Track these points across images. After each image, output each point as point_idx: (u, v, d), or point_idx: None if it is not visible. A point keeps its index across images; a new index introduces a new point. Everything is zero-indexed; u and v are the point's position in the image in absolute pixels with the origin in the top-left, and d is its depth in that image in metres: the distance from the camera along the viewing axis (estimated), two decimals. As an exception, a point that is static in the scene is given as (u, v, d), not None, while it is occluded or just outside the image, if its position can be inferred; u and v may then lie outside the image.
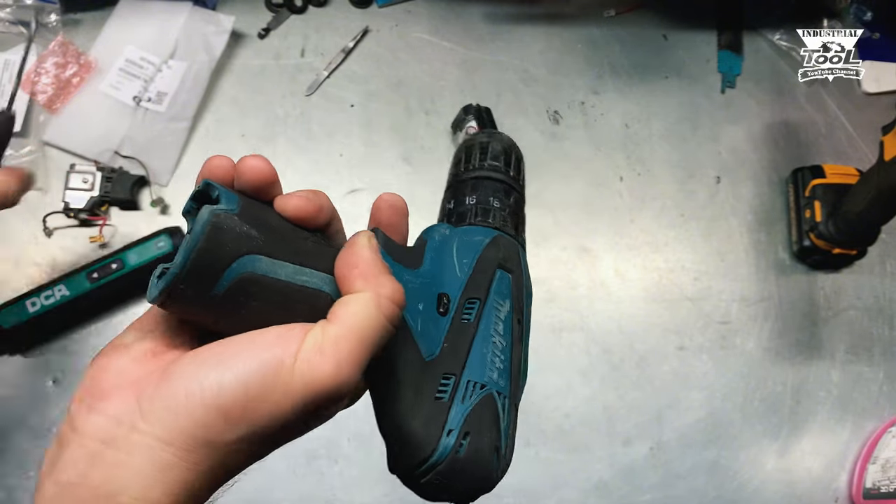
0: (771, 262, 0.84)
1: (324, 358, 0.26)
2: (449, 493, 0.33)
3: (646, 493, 0.74)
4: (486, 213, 0.39)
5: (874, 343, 0.82)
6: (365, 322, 0.27)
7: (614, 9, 0.91)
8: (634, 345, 0.79)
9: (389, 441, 0.34)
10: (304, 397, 0.26)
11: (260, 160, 0.29)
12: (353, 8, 0.87)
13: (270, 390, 0.25)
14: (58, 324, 0.70)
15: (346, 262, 0.29)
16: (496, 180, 0.40)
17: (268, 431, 0.26)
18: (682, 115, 0.88)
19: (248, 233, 0.27)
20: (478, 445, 0.32)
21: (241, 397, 0.25)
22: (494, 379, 0.34)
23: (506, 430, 0.35)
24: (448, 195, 0.41)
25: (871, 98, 0.91)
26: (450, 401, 0.33)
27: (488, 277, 0.36)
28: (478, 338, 0.35)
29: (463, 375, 0.33)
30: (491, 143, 0.42)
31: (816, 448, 0.78)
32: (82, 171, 0.74)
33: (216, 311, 0.27)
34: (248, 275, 0.26)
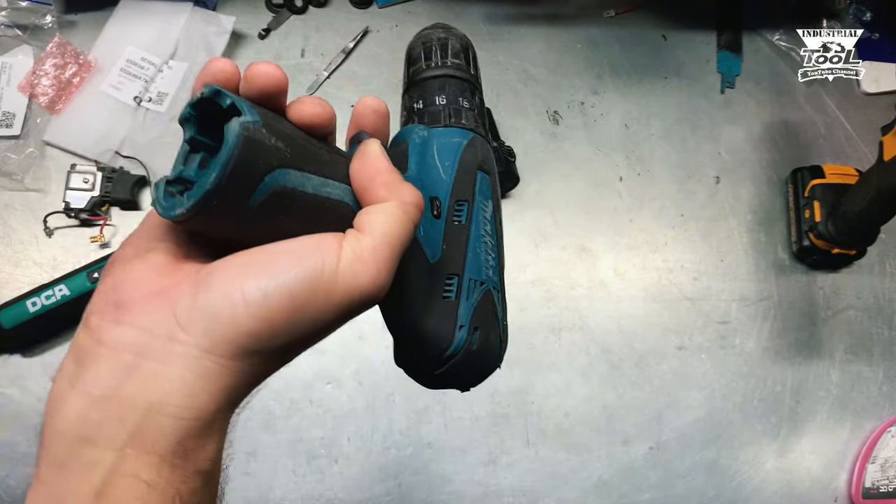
0: (770, 262, 0.84)
1: (364, 266, 0.27)
2: (456, 381, 0.36)
3: (645, 493, 0.75)
4: (459, 114, 0.39)
5: (873, 343, 0.82)
6: (396, 229, 0.28)
7: (614, 9, 0.91)
8: (634, 344, 0.79)
9: (402, 339, 0.36)
10: (347, 302, 0.27)
11: (272, 66, 0.28)
12: (353, 8, 0.87)
13: (314, 297, 0.26)
14: (58, 324, 0.71)
15: (366, 174, 0.30)
16: (461, 79, 0.40)
17: (308, 335, 0.27)
18: (682, 115, 0.88)
19: (276, 145, 0.26)
20: (486, 338, 0.36)
21: (286, 304, 0.25)
22: (490, 276, 0.37)
23: (502, 319, 0.38)
24: (414, 94, 0.40)
25: (870, 98, 0.92)
26: (457, 299, 0.35)
27: (472, 179, 0.37)
28: (471, 238, 0.36)
29: (464, 275, 0.35)
30: (450, 39, 0.42)
31: (816, 448, 0.78)
32: (83, 172, 0.75)
33: (245, 225, 0.27)
34: (279, 188, 0.26)
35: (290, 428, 0.72)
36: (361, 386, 0.73)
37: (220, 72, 0.28)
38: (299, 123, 0.29)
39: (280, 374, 0.79)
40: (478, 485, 0.73)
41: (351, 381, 0.73)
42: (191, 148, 0.27)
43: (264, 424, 0.71)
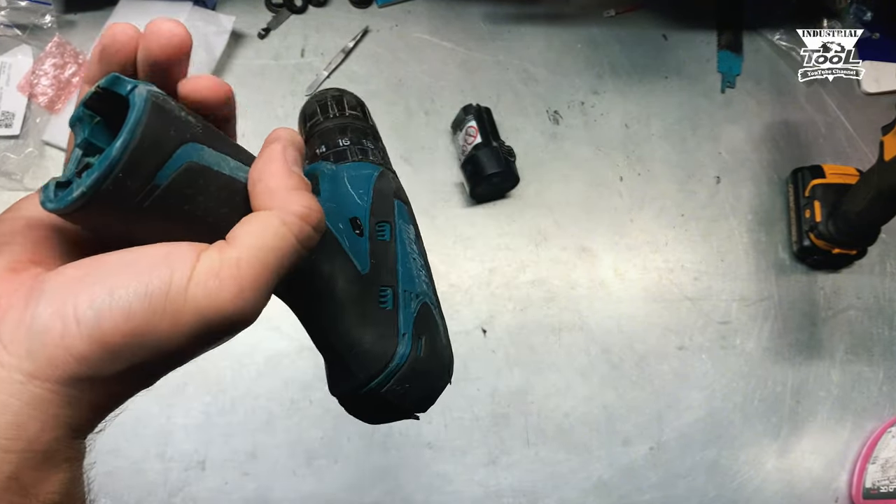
0: (771, 262, 0.84)
1: (221, 283, 0.22)
2: (405, 401, 0.33)
3: (645, 493, 0.74)
4: (365, 153, 0.39)
5: (874, 343, 0.82)
6: (270, 243, 0.24)
7: (614, 9, 0.91)
8: (634, 344, 0.79)
9: (337, 360, 0.33)
10: (198, 325, 0.22)
11: (176, 24, 0.24)
12: (353, 8, 0.87)
13: (158, 318, 0.22)
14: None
15: (255, 174, 0.25)
16: (360, 127, 0.41)
17: (155, 362, 0.23)
18: (682, 115, 0.88)
19: (188, 119, 0.23)
20: (434, 343, 0.34)
21: (122, 326, 0.21)
22: (425, 290, 0.35)
23: (445, 335, 0.36)
24: (314, 143, 0.40)
25: (870, 98, 0.91)
26: (394, 308, 0.33)
27: (390, 204, 0.37)
28: (399, 254, 0.35)
29: (398, 286, 0.34)
30: (344, 95, 0.43)
31: (816, 448, 0.78)
32: (82, 171, 0.74)
33: (149, 211, 0.22)
34: (192, 164, 0.23)
35: (290, 428, 0.71)
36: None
37: (119, 36, 0.24)
38: (190, 98, 0.25)
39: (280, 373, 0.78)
40: (478, 485, 0.73)
41: (351, 381, 0.73)
42: (84, 152, 0.23)
43: (264, 424, 0.71)
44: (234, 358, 0.73)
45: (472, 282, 0.79)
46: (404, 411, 0.34)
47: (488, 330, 0.77)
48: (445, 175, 0.82)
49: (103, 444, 0.75)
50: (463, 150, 0.79)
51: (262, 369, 0.72)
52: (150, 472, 0.69)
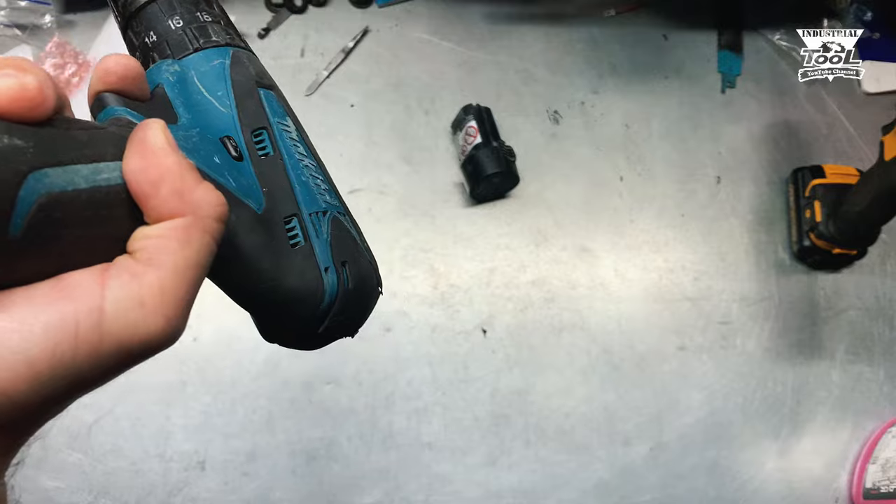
0: (771, 262, 0.84)
1: (146, 314, 0.20)
2: (343, 329, 0.31)
3: (646, 494, 0.74)
4: (205, 31, 0.32)
5: (874, 343, 0.82)
6: (193, 257, 0.21)
7: (614, 9, 0.91)
8: (634, 345, 0.79)
9: (263, 311, 0.30)
10: (119, 358, 0.20)
11: None
12: (352, 8, 0.87)
13: (69, 357, 0.19)
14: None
15: (147, 176, 0.21)
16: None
17: (68, 396, 0.20)
18: (683, 114, 0.88)
19: (13, 144, 0.18)
20: (358, 269, 0.31)
21: (24, 373, 0.19)
22: (328, 201, 0.31)
23: (363, 242, 0.33)
24: (138, 29, 0.32)
25: (871, 98, 0.91)
26: (307, 241, 0.29)
27: (256, 101, 0.31)
28: (289, 168, 0.30)
29: (302, 211, 0.30)
30: None
31: (817, 448, 0.78)
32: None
33: (18, 262, 0.19)
34: (44, 199, 0.18)
35: (289, 428, 0.71)
36: (361, 386, 0.73)
37: None
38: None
39: (280, 374, 0.78)
40: (477, 485, 0.72)
41: (351, 381, 0.73)
42: None
43: (264, 424, 0.71)
44: (234, 358, 0.72)
45: (472, 282, 0.79)
46: (346, 334, 0.32)
47: (488, 330, 0.77)
48: (445, 175, 0.82)
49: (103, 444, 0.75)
50: (463, 150, 0.79)
51: (262, 369, 0.72)
52: (150, 473, 0.69)
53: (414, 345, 0.76)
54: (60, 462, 0.68)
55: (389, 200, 0.80)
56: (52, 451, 0.68)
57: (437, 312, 0.77)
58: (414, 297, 0.77)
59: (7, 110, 0.18)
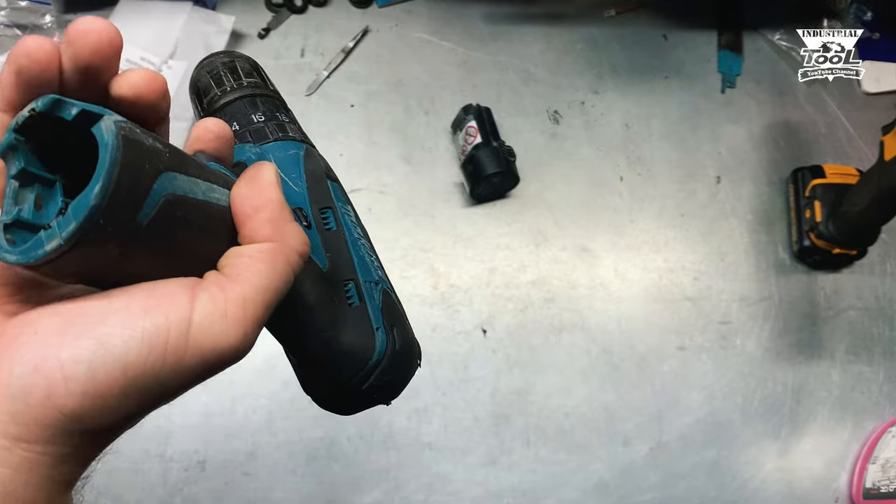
0: (771, 262, 0.84)
1: (228, 326, 0.22)
2: (382, 393, 0.33)
3: (646, 493, 0.74)
4: (283, 128, 0.36)
5: (874, 343, 0.82)
6: (276, 281, 0.23)
7: (614, 9, 0.91)
8: (634, 345, 0.79)
9: (312, 362, 0.32)
10: (200, 368, 0.21)
11: (102, 21, 0.21)
12: (353, 8, 0.87)
13: (159, 366, 0.20)
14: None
15: (251, 202, 0.24)
16: (268, 96, 0.37)
17: (151, 405, 0.22)
18: (683, 115, 0.88)
19: (155, 145, 0.21)
20: (404, 333, 0.34)
21: (120, 378, 0.20)
22: (381, 276, 0.35)
23: (406, 316, 0.36)
24: (225, 121, 0.35)
25: (871, 98, 0.91)
26: (362, 302, 0.32)
27: (324, 187, 0.35)
28: (349, 242, 0.34)
29: (359, 278, 0.33)
30: (236, 61, 0.38)
31: (816, 448, 0.78)
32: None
33: (131, 254, 0.21)
34: (170, 197, 0.21)
35: (289, 428, 0.71)
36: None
37: (37, 52, 0.20)
38: (125, 97, 0.22)
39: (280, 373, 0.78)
40: (478, 485, 0.73)
41: (351, 381, 0.73)
42: (21, 183, 0.21)
43: (264, 424, 0.71)
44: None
45: (472, 282, 0.79)
46: (382, 400, 0.34)
47: (488, 330, 0.77)
48: (445, 175, 0.82)
49: (103, 444, 0.73)
50: (463, 150, 0.79)
51: (261, 369, 0.72)
52: (150, 473, 0.69)
53: (414, 345, 0.76)
54: (60, 462, 0.68)
55: (389, 200, 0.80)
56: (52, 450, 0.68)
57: (437, 312, 0.77)
58: (414, 297, 0.77)
59: (142, 94, 0.22)
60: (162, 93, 0.23)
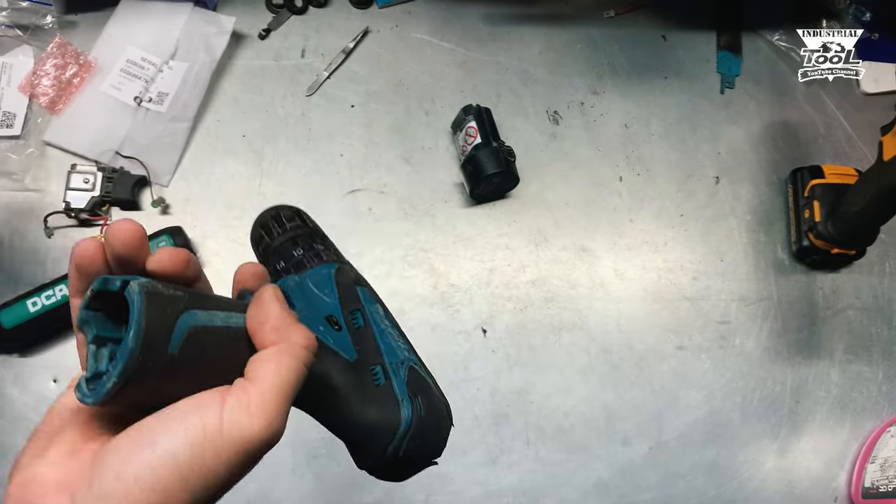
0: (770, 262, 0.84)
1: (252, 417, 0.27)
2: (421, 455, 0.39)
3: (645, 493, 0.75)
4: (318, 256, 0.46)
5: (873, 343, 0.82)
6: (285, 375, 0.29)
7: (614, 9, 0.91)
8: (634, 344, 0.79)
9: (353, 439, 0.38)
10: (237, 456, 0.27)
11: (130, 223, 0.29)
12: (353, 9, 0.87)
13: (201, 459, 0.26)
14: (59, 324, 0.71)
15: (258, 319, 0.30)
16: (305, 234, 0.49)
17: (208, 493, 0.27)
18: (682, 115, 0.88)
19: (175, 293, 0.28)
20: (430, 399, 0.40)
21: (174, 472, 0.25)
22: (407, 356, 0.40)
23: (435, 385, 0.42)
24: (273, 262, 0.47)
25: (869, 98, 0.92)
26: (387, 380, 0.38)
27: (354, 293, 0.43)
28: (376, 333, 0.41)
29: (385, 361, 0.39)
30: (280, 210, 0.51)
31: (816, 447, 0.78)
32: (83, 172, 0.75)
33: (169, 379, 0.27)
34: (192, 329, 0.27)
35: (289, 428, 0.71)
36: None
37: (85, 252, 0.29)
38: (157, 271, 0.29)
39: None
40: (478, 485, 0.73)
41: (351, 380, 0.73)
42: (97, 345, 0.27)
43: (264, 424, 0.71)
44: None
45: (472, 282, 0.79)
46: (425, 461, 0.40)
47: (488, 330, 0.77)
48: (445, 175, 0.82)
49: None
50: (463, 150, 0.79)
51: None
52: (151, 472, 0.69)
53: (414, 344, 0.76)
54: (62, 461, 0.68)
55: (389, 200, 0.80)
56: (53, 450, 0.68)
57: (437, 312, 0.77)
58: (414, 297, 0.77)
59: (166, 266, 0.29)
60: (184, 263, 0.30)
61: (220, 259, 0.76)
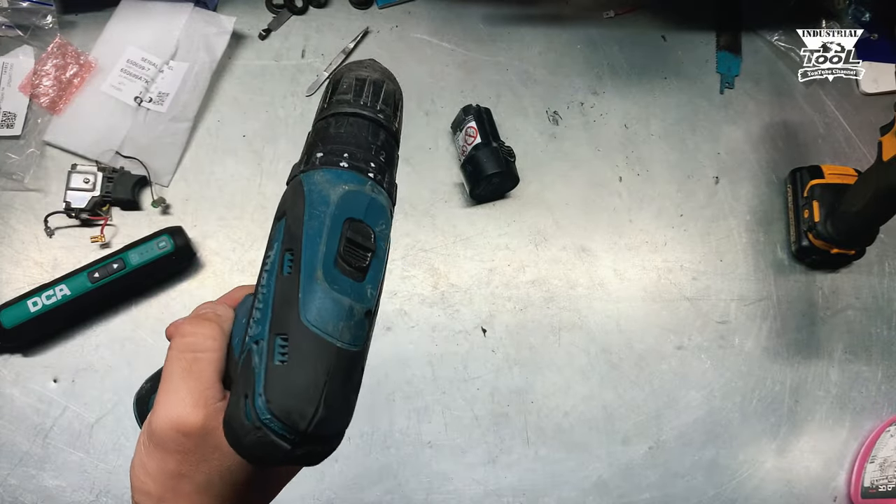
0: (769, 262, 0.84)
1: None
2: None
3: (645, 492, 0.75)
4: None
5: (872, 343, 0.82)
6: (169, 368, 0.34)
7: (613, 10, 0.92)
8: (633, 344, 0.79)
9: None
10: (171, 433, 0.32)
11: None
12: (353, 9, 0.88)
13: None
14: (59, 323, 0.71)
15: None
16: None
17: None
18: (681, 115, 0.88)
19: (146, 387, 0.40)
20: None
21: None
22: (252, 334, 0.32)
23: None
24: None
25: (869, 98, 0.92)
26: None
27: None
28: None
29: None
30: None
31: (815, 447, 0.78)
32: (83, 172, 0.75)
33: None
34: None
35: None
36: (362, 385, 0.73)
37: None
38: None
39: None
40: (477, 484, 0.73)
41: (351, 380, 0.73)
42: None
43: (265, 424, 0.71)
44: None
45: (472, 282, 0.79)
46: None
47: (488, 329, 0.78)
48: (445, 175, 0.82)
49: (104, 442, 0.75)
50: (463, 150, 0.79)
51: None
52: (151, 471, 0.69)
53: (414, 344, 0.76)
54: (62, 461, 0.68)
55: (389, 200, 0.80)
56: (53, 449, 0.68)
57: (437, 312, 0.77)
58: (414, 297, 0.77)
59: None
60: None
61: (221, 259, 0.76)
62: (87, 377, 0.71)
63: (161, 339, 0.72)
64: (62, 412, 0.69)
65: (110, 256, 0.70)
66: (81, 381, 0.71)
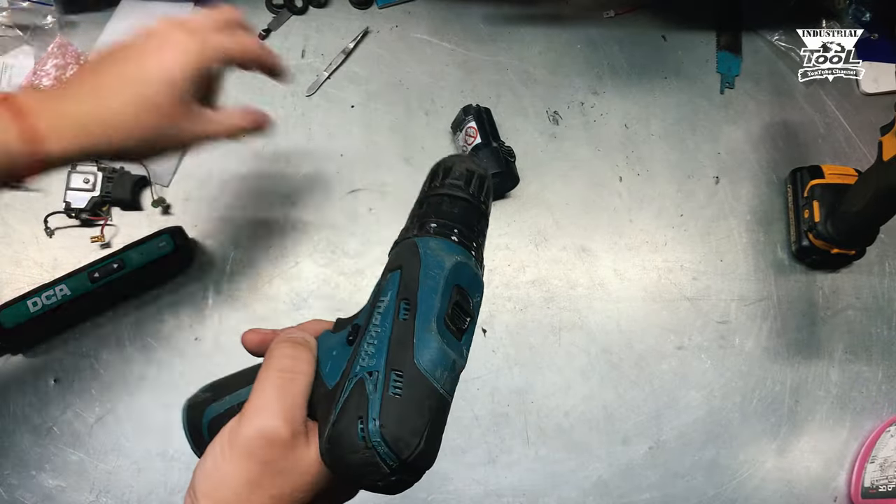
0: (769, 262, 0.84)
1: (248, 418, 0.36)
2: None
3: (645, 492, 0.75)
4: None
5: (873, 343, 0.82)
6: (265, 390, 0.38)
7: (614, 10, 0.92)
8: (633, 344, 0.79)
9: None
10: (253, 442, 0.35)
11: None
12: (353, 9, 0.88)
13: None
14: (59, 323, 0.71)
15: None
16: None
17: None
18: (681, 115, 0.88)
19: (205, 397, 0.42)
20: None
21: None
22: (365, 365, 0.35)
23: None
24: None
25: (869, 98, 0.92)
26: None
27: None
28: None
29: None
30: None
31: (815, 447, 0.78)
32: (83, 172, 0.75)
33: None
34: (211, 420, 0.40)
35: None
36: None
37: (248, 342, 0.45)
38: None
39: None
40: (477, 484, 0.73)
41: (351, 380, 0.73)
42: None
43: (264, 424, 0.71)
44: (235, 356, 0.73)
45: (472, 282, 0.79)
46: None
47: (488, 330, 0.78)
48: (445, 175, 0.82)
49: (104, 443, 0.75)
50: (463, 150, 0.79)
51: (262, 369, 0.73)
52: (152, 472, 0.69)
53: (414, 344, 0.76)
54: (62, 461, 0.68)
55: (389, 200, 0.80)
56: (53, 449, 0.68)
57: (436, 312, 0.77)
58: (414, 297, 0.77)
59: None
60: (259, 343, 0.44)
61: (221, 259, 0.76)
62: (87, 377, 0.71)
63: (162, 339, 0.73)
64: (62, 412, 0.69)
65: (110, 256, 0.70)
66: (81, 381, 0.71)
